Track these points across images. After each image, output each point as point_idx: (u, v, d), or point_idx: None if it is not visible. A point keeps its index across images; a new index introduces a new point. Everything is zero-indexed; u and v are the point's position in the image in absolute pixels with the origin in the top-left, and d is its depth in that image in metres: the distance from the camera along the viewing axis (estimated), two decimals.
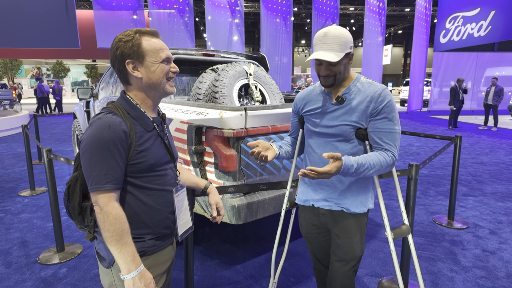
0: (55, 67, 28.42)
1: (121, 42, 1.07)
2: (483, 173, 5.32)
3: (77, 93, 4.47)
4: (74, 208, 1.10)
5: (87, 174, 1.01)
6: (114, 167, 1.01)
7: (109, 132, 1.00)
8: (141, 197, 1.11)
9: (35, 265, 2.62)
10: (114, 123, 1.02)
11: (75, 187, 1.10)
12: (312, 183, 1.55)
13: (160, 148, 1.15)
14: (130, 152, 1.05)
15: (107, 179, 1.00)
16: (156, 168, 1.12)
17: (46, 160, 2.66)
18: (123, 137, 1.02)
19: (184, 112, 2.37)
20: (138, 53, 1.08)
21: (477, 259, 2.73)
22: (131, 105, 1.11)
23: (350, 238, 1.51)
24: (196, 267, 2.57)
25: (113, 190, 1.01)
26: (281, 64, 14.35)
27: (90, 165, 1.00)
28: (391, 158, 1.36)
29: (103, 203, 1.00)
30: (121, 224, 1.01)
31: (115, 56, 1.09)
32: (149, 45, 1.09)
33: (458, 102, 10.17)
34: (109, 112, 1.06)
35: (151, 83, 1.11)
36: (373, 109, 1.37)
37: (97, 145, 0.99)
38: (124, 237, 1.01)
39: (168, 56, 1.12)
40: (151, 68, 1.09)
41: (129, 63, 1.08)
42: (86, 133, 1.03)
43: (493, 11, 10.35)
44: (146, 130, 1.11)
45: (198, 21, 21.93)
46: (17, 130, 9.52)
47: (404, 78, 27.74)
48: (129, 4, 12.66)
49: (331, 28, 1.33)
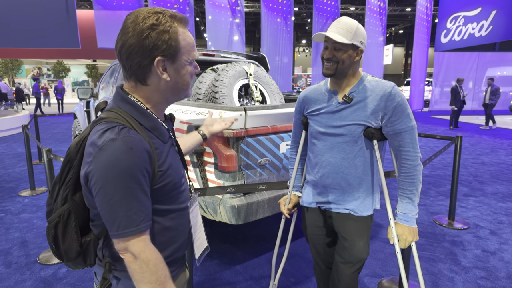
0: (55, 67, 28.43)
1: (155, 32, 0.79)
2: (484, 174, 5.31)
3: (77, 93, 4.48)
4: (71, 250, 0.87)
5: (109, 217, 0.77)
6: (144, 201, 0.79)
7: (132, 157, 0.75)
8: (165, 222, 0.89)
9: (35, 265, 2.62)
10: (135, 143, 0.77)
11: (67, 224, 0.86)
12: (318, 185, 1.53)
13: (177, 159, 0.94)
14: (154, 176, 0.82)
15: (139, 218, 0.77)
16: (178, 184, 0.91)
17: (46, 160, 2.66)
18: (147, 160, 0.78)
19: (184, 112, 2.37)
20: (174, 50, 0.82)
21: (478, 260, 2.72)
22: (142, 112, 0.85)
23: (357, 240, 1.50)
24: (196, 268, 2.56)
25: (146, 230, 0.80)
26: (281, 64, 14.35)
27: (114, 205, 0.76)
28: (415, 162, 1.37)
29: (139, 250, 0.78)
30: (163, 270, 0.81)
31: (141, 46, 0.79)
32: (184, 40, 0.84)
33: (459, 102, 10.16)
34: (122, 127, 0.78)
35: (175, 87, 0.87)
36: (386, 108, 1.35)
37: (119, 177, 0.74)
38: (167, 284, 0.81)
39: (197, 55, 0.91)
40: (181, 71, 0.86)
41: (159, 61, 0.81)
42: (97, 160, 0.75)
43: (494, 11, 10.33)
44: (163, 142, 0.88)
45: (198, 21, 21.93)
46: (17, 130, 9.52)
47: (405, 78, 27.75)
48: (129, 4, 12.66)
49: (345, 17, 1.37)
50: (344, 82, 1.42)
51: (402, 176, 1.39)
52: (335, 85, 1.45)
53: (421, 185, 1.39)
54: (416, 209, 1.38)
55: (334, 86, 1.45)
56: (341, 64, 1.36)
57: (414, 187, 1.37)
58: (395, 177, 1.84)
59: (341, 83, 1.43)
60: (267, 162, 2.32)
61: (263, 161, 2.29)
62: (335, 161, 1.44)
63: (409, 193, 1.38)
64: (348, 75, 1.40)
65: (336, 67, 1.37)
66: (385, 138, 1.43)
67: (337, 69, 1.37)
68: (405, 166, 1.38)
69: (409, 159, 1.37)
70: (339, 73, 1.38)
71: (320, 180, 1.50)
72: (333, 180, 1.47)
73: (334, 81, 1.44)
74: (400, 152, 1.39)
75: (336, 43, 1.33)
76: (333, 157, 1.45)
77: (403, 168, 1.38)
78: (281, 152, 2.39)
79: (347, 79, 1.41)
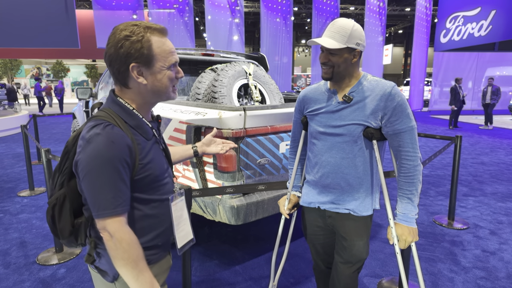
0: (55, 67, 28.41)
1: (128, 41, 0.92)
2: (484, 173, 5.31)
3: (76, 93, 4.47)
4: (64, 229, 1.00)
5: (92, 200, 0.90)
6: (122, 188, 0.91)
7: (113, 149, 0.88)
8: (146, 210, 1.02)
9: (33, 266, 2.61)
10: (117, 137, 0.90)
11: (62, 206, 0.99)
12: (318, 185, 1.52)
13: (161, 156, 1.07)
14: (135, 168, 0.95)
15: (116, 202, 0.90)
16: (159, 177, 1.04)
17: (45, 160, 2.66)
18: (127, 153, 0.92)
19: (183, 112, 2.36)
20: (147, 57, 0.94)
21: (477, 260, 2.71)
22: (128, 112, 0.98)
23: (357, 240, 1.49)
24: (195, 268, 2.56)
25: (123, 213, 0.92)
26: (281, 64, 14.36)
27: (95, 190, 0.89)
28: (415, 162, 1.36)
29: (114, 229, 0.90)
30: (136, 250, 0.92)
31: (118, 55, 0.93)
32: (158, 47, 0.95)
33: (458, 102, 10.17)
34: (107, 124, 0.92)
35: (155, 91, 0.99)
36: (386, 108, 1.34)
37: (101, 166, 0.88)
38: (139, 263, 0.92)
39: (177, 61, 1.01)
40: (158, 75, 0.97)
41: (134, 67, 0.94)
42: (84, 151, 0.89)
43: (493, 11, 10.33)
44: (146, 139, 1.01)
45: (198, 21, 21.93)
46: (16, 130, 9.52)
47: (404, 78, 27.76)
48: (128, 4, 12.65)
49: (341, 19, 1.35)
50: (344, 82, 1.42)
51: (402, 176, 1.39)
52: (335, 85, 1.44)
53: (421, 185, 1.39)
54: (415, 209, 1.38)
55: (334, 86, 1.44)
56: (336, 68, 1.36)
57: (413, 187, 1.37)
58: (395, 177, 1.84)
59: (341, 83, 1.42)
60: (267, 162, 2.32)
61: (262, 161, 2.29)
62: (335, 161, 1.44)
63: (409, 193, 1.38)
64: (347, 75, 1.40)
65: (332, 71, 1.37)
66: (385, 138, 1.42)
67: (333, 72, 1.37)
68: (404, 166, 1.37)
69: (408, 159, 1.36)
70: (336, 76, 1.38)
71: (320, 180, 1.50)
72: (332, 180, 1.46)
73: (333, 81, 1.44)
74: (400, 152, 1.38)
75: (330, 48, 1.33)
76: (333, 157, 1.44)
77: (403, 168, 1.38)
78: (281, 152, 2.38)
79: (347, 80, 1.41)
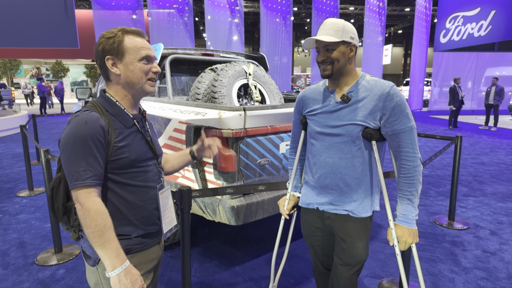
0: (54, 67, 28.38)
1: (104, 39, 1.10)
2: (484, 174, 5.31)
3: (75, 93, 4.46)
4: (59, 209, 1.11)
5: (67, 172, 1.01)
6: (93, 162, 1.01)
7: (86, 128, 1.00)
8: (123, 194, 1.10)
9: (32, 266, 2.60)
10: (91, 119, 1.03)
11: (58, 187, 1.11)
12: (317, 186, 1.51)
13: (141, 144, 1.15)
14: (109, 149, 1.05)
15: (86, 174, 0.99)
16: (137, 164, 1.12)
17: (44, 160, 2.65)
18: (100, 133, 1.02)
19: (183, 112, 2.35)
20: (118, 50, 1.09)
21: (478, 260, 2.71)
22: (110, 102, 1.12)
23: (356, 242, 1.48)
24: (195, 268, 2.55)
25: (93, 185, 1.01)
26: (281, 64, 14.35)
27: (69, 162, 1.00)
28: (415, 163, 1.35)
29: (83, 199, 0.99)
30: (103, 220, 0.99)
31: (97, 52, 1.12)
32: (130, 43, 1.11)
33: (457, 102, 10.16)
34: (86, 110, 1.07)
35: (129, 81, 1.12)
36: (384, 108, 1.33)
37: (75, 142, 0.99)
38: (106, 232, 0.99)
39: (149, 55, 1.13)
40: (129, 67, 1.10)
41: (108, 59, 1.10)
42: (64, 131, 1.04)
43: (493, 11, 10.33)
44: (126, 127, 1.11)
45: (197, 21, 21.91)
46: (16, 130, 9.50)
47: (404, 78, 27.76)
48: (128, 4, 12.65)
49: (330, 18, 1.38)
50: (342, 81, 1.41)
51: (402, 177, 1.38)
52: (334, 85, 1.44)
53: (421, 186, 1.38)
54: (416, 210, 1.37)
55: (333, 86, 1.44)
56: (336, 63, 1.36)
57: (413, 188, 1.36)
58: (395, 178, 1.83)
59: (339, 82, 1.41)
60: (267, 162, 2.31)
61: (262, 161, 2.28)
62: (333, 161, 1.43)
63: (409, 194, 1.37)
64: (345, 73, 1.39)
65: (332, 67, 1.36)
66: (384, 139, 1.41)
67: (333, 69, 1.36)
68: (404, 167, 1.36)
69: (408, 160, 1.36)
70: (337, 72, 1.38)
71: (318, 181, 1.49)
72: (331, 181, 1.45)
73: (332, 80, 1.43)
74: (400, 153, 1.37)
75: (327, 44, 1.34)
76: (331, 157, 1.43)
77: (403, 169, 1.37)
78: (281, 152, 2.37)
79: (345, 78, 1.40)
